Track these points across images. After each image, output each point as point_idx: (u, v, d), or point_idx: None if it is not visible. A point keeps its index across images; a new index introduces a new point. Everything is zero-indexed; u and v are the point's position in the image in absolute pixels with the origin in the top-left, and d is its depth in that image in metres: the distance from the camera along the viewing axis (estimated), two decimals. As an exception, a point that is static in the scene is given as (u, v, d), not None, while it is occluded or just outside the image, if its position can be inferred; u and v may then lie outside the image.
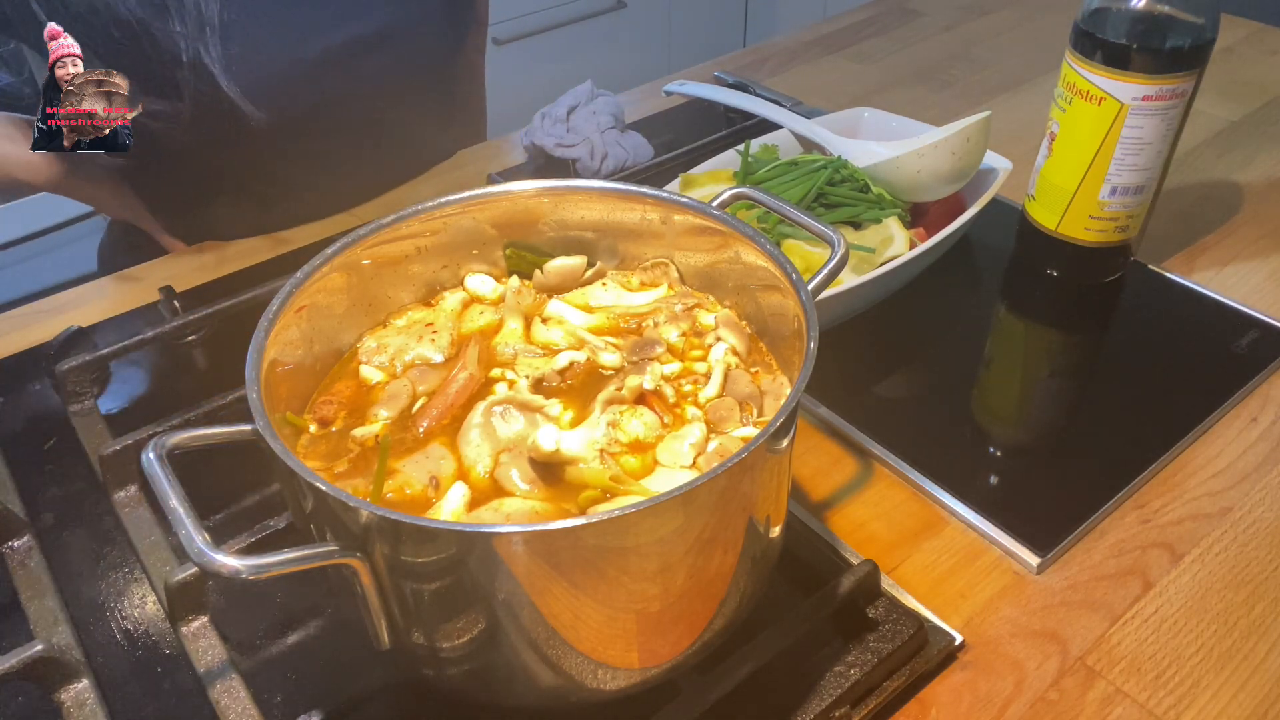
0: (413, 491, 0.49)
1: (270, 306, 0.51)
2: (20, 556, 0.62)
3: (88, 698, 0.53)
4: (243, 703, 0.52)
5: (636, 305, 0.61)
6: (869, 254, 0.77)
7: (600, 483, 0.48)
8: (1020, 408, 0.75)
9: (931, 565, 0.61)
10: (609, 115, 0.97)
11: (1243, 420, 0.71)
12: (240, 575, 0.39)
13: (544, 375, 0.55)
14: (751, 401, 0.54)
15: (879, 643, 0.53)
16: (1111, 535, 0.63)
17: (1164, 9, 0.70)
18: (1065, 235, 0.80)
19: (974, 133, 0.79)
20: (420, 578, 0.43)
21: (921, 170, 0.80)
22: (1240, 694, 0.54)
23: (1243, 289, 0.83)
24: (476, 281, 0.62)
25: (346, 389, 0.56)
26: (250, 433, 0.44)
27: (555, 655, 0.45)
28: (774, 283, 0.54)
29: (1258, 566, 0.61)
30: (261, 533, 0.59)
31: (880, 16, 1.34)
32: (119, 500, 0.65)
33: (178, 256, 0.92)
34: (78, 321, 0.80)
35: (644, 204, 0.60)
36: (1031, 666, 0.56)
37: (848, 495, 0.66)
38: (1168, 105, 0.72)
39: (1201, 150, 1.02)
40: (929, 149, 0.80)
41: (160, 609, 0.59)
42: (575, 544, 0.41)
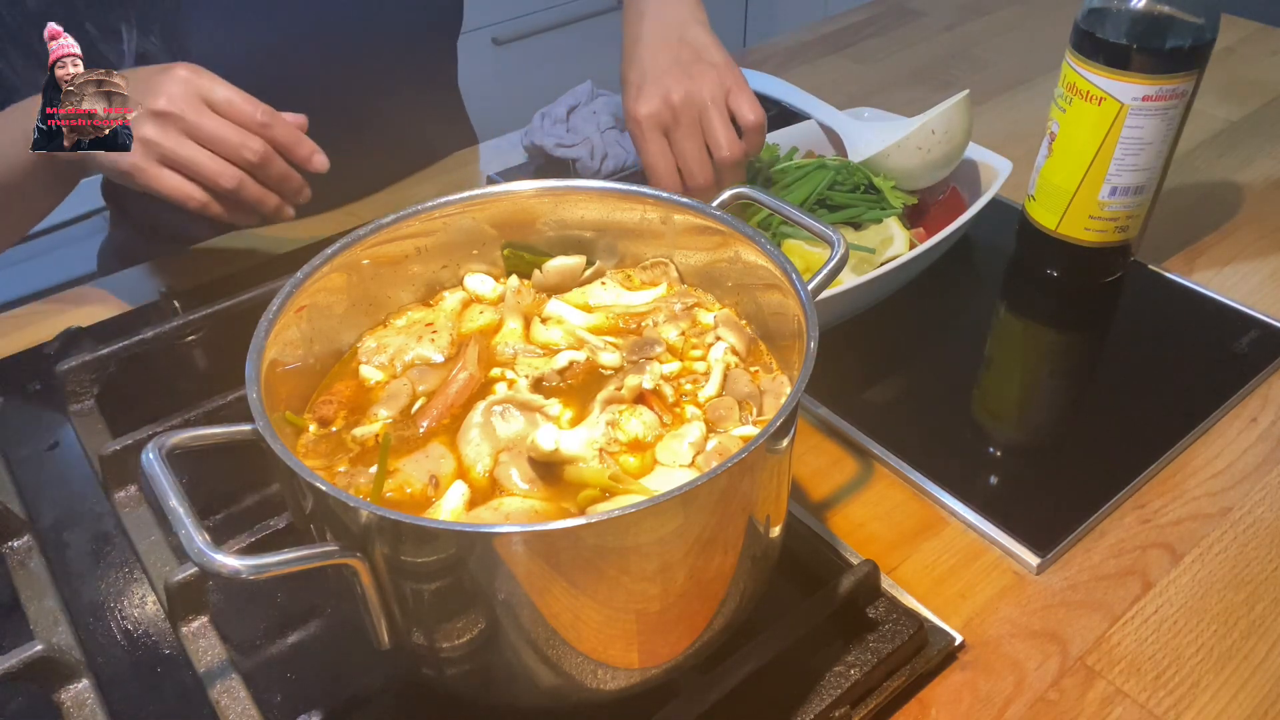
0: (413, 491, 0.49)
1: (270, 306, 0.51)
2: (20, 556, 0.62)
3: (88, 698, 0.53)
4: (243, 703, 0.52)
5: (636, 305, 0.61)
6: (869, 254, 0.77)
7: (599, 482, 0.48)
8: (1020, 408, 0.75)
9: (931, 565, 0.61)
10: (609, 115, 0.97)
11: (1243, 420, 0.71)
12: (240, 575, 0.39)
13: (544, 375, 0.55)
14: (751, 401, 0.54)
15: (879, 643, 0.53)
16: (1111, 535, 0.63)
17: (1164, 9, 0.70)
18: (1065, 235, 0.80)
19: (955, 112, 0.81)
20: (420, 578, 0.43)
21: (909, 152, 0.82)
22: (1240, 694, 0.54)
23: (1243, 289, 0.83)
24: (476, 281, 0.62)
25: (346, 389, 0.56)
26: (250, 433, 0.44)
27: (555, 655, 0.45)
28: (774, 282, 0.54)
29: (1258, 566, 0.61)
30: (261, 533, 0.59)
31: (880, 16, 1.34)
32: (119, 500, 0.65)
33: (178, 256, 0.92)
34: (78, 321, 0.80)
35: (644, 204, 0.60)
36: (1031, 666, 0.56)
37: (848, 495, 0.66)
38: (1168, 105, 0.72)
39: (1201, 150, 1.02)
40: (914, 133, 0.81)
41: (160, 609, 0.59)
42: (575, 544, 0.41)
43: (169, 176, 0.70)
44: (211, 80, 0.70)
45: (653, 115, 0.77)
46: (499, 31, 2.10)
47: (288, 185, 0.74)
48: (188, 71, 0.70)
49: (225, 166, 0.70)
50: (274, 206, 0.74)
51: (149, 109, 0.68)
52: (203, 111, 0.69)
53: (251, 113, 0.70)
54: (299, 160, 0.74)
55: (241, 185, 0.71)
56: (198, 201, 0.71)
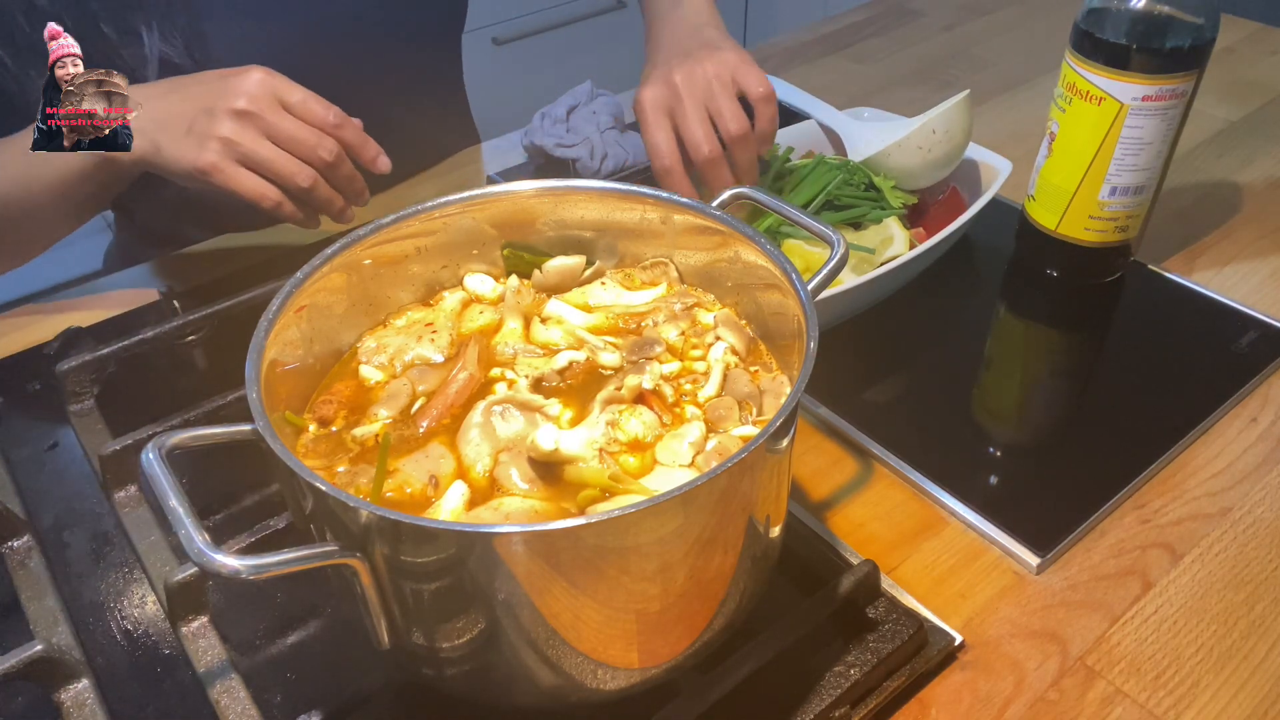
0: (412, 491, 0.49)
1: (270, 306, 0.51)
2: (20, 556, 0.62)
3: (88, 698, 0.53)
4: (243, 703, 0.52)
5: (636, 305, 0.61)
6: (869, 254, 0.77)
7: (599, 482, 0.48)
8: (1020, 408, 0.75)
9: (931, 565, 0.61)
10: (609, 115, 0.97)
11: (1243, 420, 0.71)
12: (240, 575, 0.39)
13: (543, 375, 0.55)
14: (751, 401, 0.54)
15: (879, 643, 0.53)
16: (1111, 535, 0.63)
17: (1164, 9, 0.70)
18: (1065, 235, 0.80)
19: (956, 111, 0.81)
20: (420, 578, 0.43)
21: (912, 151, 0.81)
22: (1240, 694, 0.54)
23: (1243, 289, 0.83)
24: (476, 281, 0.62)
25: (346, 389, 0.56)
26: (250, 433, 0.44)
27: (555, 655, 0.45)
28: (774, 282, 0.54)
29: (1258, 566, 0.61)
30: (261, 533, 0.59)
31: (880, 16, 1.34)
32: (119, 500, 0.65)
33: (178, 256, 0.92)
34: (78, 321, 0.80)
35: (644, 204, 0.60)
36: (1031, 666, 0.56)
37: (848, 495, 0.66)
38: (1168, 105, 0.72)
39: (1201, 150, 1.02)
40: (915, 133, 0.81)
41: (160, 609, 0.59)
42: (575, 544, 0.41)
43: (246, 176, 0.71)
44: (286, 83, 0.72)
45: (655, 97, 0.77)
46: (499, 31, 2.10)
47: (353, 187, 0.76)
48: (263, 74, 0.71)
49: (301, 166, 0.71)
50: (340, 208, 0.76)
51: (229, 108, 0.70)
52: (280, 112, 0.71)
53: (324, 114, 0.72)
54: (365, 162, 0.76)
55: (315, 185, 0.72)
56: (272, 201, 0.72)
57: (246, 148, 0.70)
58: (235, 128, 0.70)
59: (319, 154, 0.72)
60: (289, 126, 0.71)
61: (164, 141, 0.71)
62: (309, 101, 0.72)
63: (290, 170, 0.71)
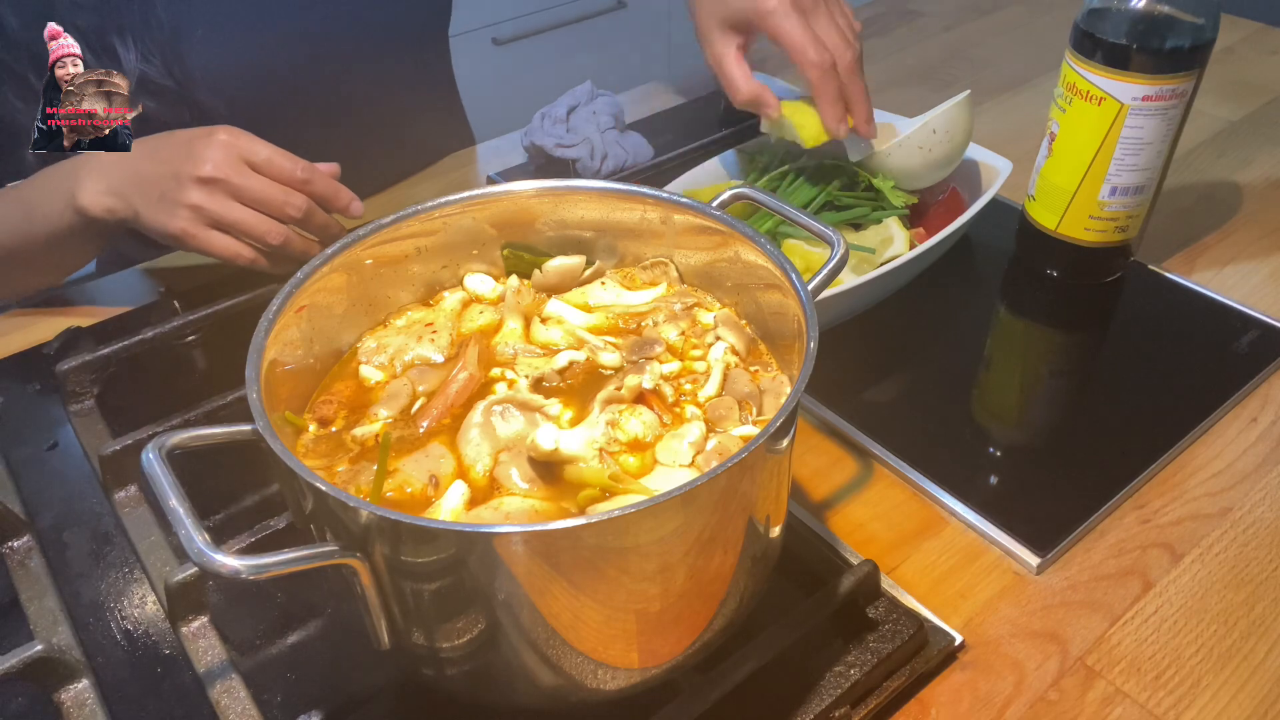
0: (412, 490, 0.49)
1: (270, 306, 0.51)
2: (20, 556, 0.62)
3: (88, 698, 0.53)
4: (243, 703, 0.52)
5: (636, 304, 0.61)
6: (869, 254, 0.77)
7: (599, 482, 0.48)
8: (1020, 408, 0.75)
9: (931, 565, 0.61)
10: (609, 115, 0.97)
11: (1243, 420, 0.71)
12: (240, 575, 0.39)
13: (543, 375, 0.55)
14: (751, 400, 0.54)
15: (879, 643, 0.53)
16: (1111, 535, 0.63)
17: (1164, 9, 0.70)
18: (1065, 235, 0.80)
19: (957, 111, 0.81)
20: (420, 578, 0.43)
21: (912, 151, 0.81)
22: (1240, 694, 0.54)
23: (1243, 289, 0.83)
24: (476, 281, 0.62)
25: (346, 389, 0.56)
26: (250, 433, 0.44)
27: (555, 655, 0.45)
28: (774, 282, 0.54)
29: (1258, 566, 0.61)
30: (261, 533, 0.59)
31: (880, 16, 1.34)
32: (119, 500, 0.65)
33: (178, 256, 0.92)
34: (78, 321, 0.80)
35: (643, 204, 0.60)
36: (1031, 666, 0.56)
37: (848, 495, 0.66)
38: (1168, 105, 0.72)
39: (1201, 150, 1.02)
40: (915, 133, 0.81)
41: (160, 609, 0.59)
42: (575, 544, 0.41)
43: (218, 238, 0.73)
44: (250, 141, 0.73)
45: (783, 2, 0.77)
46: (499, 31, 2.10)
47: (329, 234, 0.76)
48: (228, 135, 0.72)
49: (271, 224, 0.73)
50: (318, 253, 0.77)
51: (195, 176, 0.71)
52: (246, 174, 0.72)
53: (292, 170, 0.73)
54: (338, 210, 0.77)
55: (287, 240, 0.73)
56: (246, 259, 0.74)
57: (216, 212, 0.71)
58: (203, 195, 0.71)
59: (287, 210, 0.73)
60: (256, 186, 0.72)
61: (140, 206, 0.73)
62: (275, 159, 0.72)
63: (262, 229, 0.72)
